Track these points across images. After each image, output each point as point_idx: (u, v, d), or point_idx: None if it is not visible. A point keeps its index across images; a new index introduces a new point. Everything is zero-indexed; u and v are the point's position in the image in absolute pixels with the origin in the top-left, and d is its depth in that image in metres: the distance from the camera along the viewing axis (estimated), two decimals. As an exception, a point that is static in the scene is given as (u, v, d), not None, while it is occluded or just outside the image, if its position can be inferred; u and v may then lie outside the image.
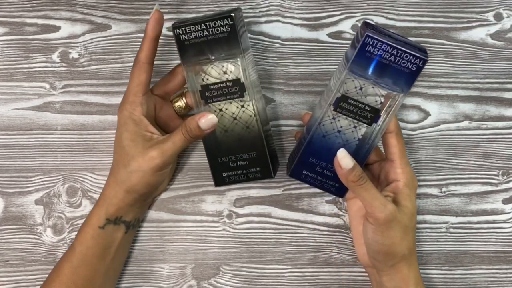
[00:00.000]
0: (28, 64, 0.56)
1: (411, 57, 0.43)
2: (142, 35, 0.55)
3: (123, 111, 0.49)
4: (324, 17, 0.56)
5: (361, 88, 0.46)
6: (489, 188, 0.56)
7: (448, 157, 0.56)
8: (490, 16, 0.56)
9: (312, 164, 0.49)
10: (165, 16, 0.56)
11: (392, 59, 0.44)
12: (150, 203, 0.55)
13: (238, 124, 0.50)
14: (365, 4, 0.56)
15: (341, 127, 0.47)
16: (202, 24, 0.47)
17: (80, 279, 0.49)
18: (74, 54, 0.56)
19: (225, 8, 0.56)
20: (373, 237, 0.47)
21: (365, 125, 0.47)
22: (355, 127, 0.47)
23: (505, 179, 0.56)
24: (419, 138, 0.56)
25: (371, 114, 0.46)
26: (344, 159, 0.45)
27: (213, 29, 0.47)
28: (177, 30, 0.47)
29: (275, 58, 0.56)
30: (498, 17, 0.56)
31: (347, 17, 0.56)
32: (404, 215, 0.46)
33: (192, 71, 0.49)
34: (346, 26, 0.56)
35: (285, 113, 0.56)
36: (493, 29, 0.56)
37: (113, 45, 0.56)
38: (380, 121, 0.46)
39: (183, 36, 0.47)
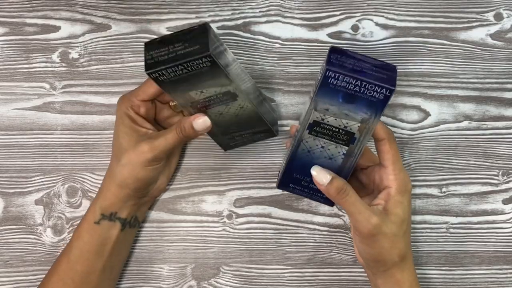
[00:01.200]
0: (28, 64, 0.56)
1: (376, 87, 0.42)
2: (142, 35, 0.56)
3: (121, 106, 0.50)
4: (324, 17, 0.56)
5: (333, 113, 0.45)
6: (489, 188, 0.56)
7: (448, 157, 0.56)
8: (490, 16, 0.56)
9: (297, 178, 0.49)
10: (165, 16, 0.56)
11: (358, 90, 0.43)
12: (149, 205, 0.55)
13: (232, 107, 0.49)
14: (365, 4, 0.56)
15: (324, 143, 0.46)
16: (180, 66, 0.43)
17: (77, 275, 0.49)
18: (74, 54, 0.56)
19: (225, 8, 0.56)
20: (360, 246, 0.47)
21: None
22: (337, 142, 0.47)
23: (505, 179, 0.56)
24: (419, 138, 0.56)
25: (346, 136, 0.45)
26: (318, 176, 0.46)
27: (191, 67, 0.43)
28: (153, 75, 0.44)
29: (275, 58, 0.56)
30: (498, 17, 0.56)
31: (347, 17, 0.56)
32: (392, 224, 0.46)
33: (180, 97, 0.47)
34: (346, 26, 0.56)
35: (285, 113, 0.56)
36: (493, 29, 0.56)
37: (113, 45, 0.56)
38: (356, 142, 0.46)
39: (161, 77, 0.44)
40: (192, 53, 0.43)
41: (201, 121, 0.47)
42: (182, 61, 0.43)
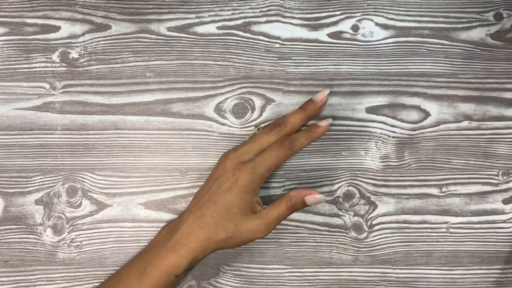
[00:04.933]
0: (28, 64, 0.56)
1: None
2: (142, 35, 0.56)
3: (246, 175, 0.50)
4: (324, 17, 0.56)
5: None
6: (489, 188, 0.56)
7: (448, 157, 0.56)
8: (490, 16, 0.56)
9: None
10: (165, 16, 0.56)
11: None
12: None
13: None
14: (365, 4, 0.56)
15: None
16: None
17: None
18: (74, 54, 0.56)
19: (225, 9, 0.56)
20: None
21: None
22: None
23: (505, 179, 0.56)
24: (419, 138, 0.56)
25: None
26: None
27: None
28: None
29: (275, 58, 0.56)
30: (498, 17, 0.56)
31: (347, 17, 0.56)
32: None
33: None
34: (346, 26, 0.56)
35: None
36: (493, 29, 0.56)
37: (113, 45, 0.56)
38: None
39: None
40: None
41: (315, 197, 0.50)
42: None
